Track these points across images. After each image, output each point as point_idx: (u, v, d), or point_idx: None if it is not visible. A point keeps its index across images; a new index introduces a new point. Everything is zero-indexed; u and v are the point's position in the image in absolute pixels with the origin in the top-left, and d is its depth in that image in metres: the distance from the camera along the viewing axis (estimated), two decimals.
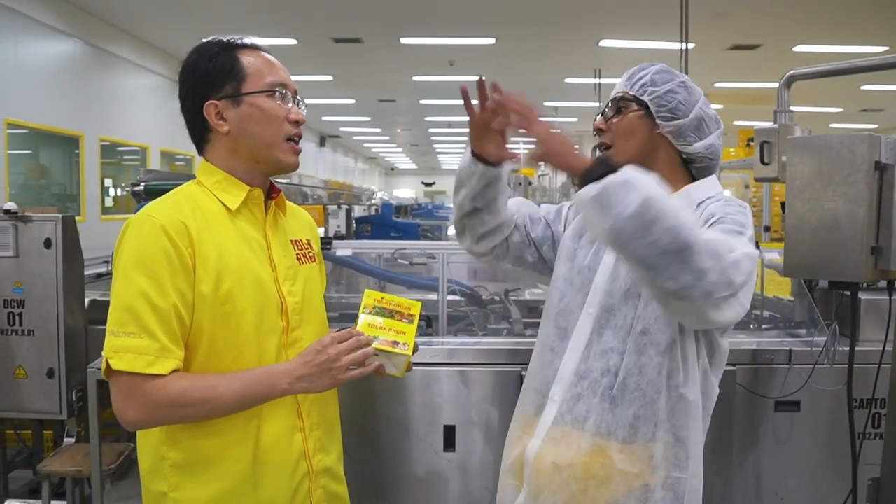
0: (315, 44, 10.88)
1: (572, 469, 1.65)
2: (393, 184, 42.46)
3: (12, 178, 8.20)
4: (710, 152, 1.73)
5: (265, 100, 1.59)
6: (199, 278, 1.51)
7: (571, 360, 1.71)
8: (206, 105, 1.59)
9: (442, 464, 2.73)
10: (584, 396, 1.67)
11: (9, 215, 3.26)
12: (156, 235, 1.49)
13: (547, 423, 1.71)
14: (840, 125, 18.97)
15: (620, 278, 1.68)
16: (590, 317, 1.71)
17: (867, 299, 2.98)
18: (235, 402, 1.50)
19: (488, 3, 8.80)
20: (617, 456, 1.62)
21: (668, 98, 1.69)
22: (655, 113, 1.69)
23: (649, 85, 1.70)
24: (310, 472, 1.65)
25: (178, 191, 1.63)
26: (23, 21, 8.04)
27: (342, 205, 8.22)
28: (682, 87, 1.71)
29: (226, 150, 1.62)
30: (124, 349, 1.45)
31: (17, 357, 3.33)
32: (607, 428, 1.63)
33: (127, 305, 1.46)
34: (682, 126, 1.69)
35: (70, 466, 3.17)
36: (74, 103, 9.16)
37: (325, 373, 1.50)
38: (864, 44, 9.73)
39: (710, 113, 1.74)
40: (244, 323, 1.55)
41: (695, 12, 7.25)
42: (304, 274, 1.70)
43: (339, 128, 22.60)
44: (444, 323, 3.11)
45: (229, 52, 1.61)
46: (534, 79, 13.44)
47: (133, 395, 1.46)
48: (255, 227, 1.64)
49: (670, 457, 1.62)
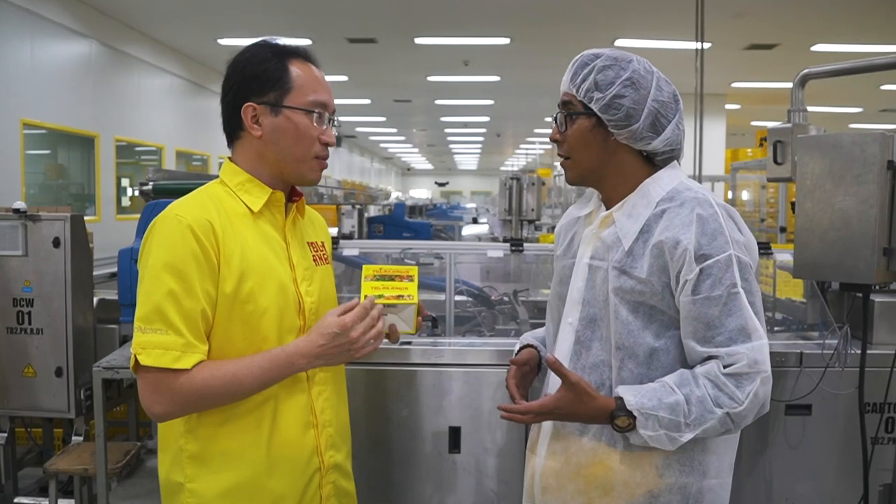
0: (330, 44, 10.89)
1: (575, 482, 1.65)
2: (409, 184, 42.52)
3: (31, 178, 8.26)
4: (669, 145, 1.65)
5: (302, 117, 1.63)
6: (223, 277, 1.56)
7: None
8: (245, 106, 1.62)
9: (447, 465, 2.71)
10: None
11: (18, 214, 3.27)
12: (183, 235, 1.53)
13: (546, 440, 1.71)
14: (860, 125, 18.78)
15: (597, 286, 1.65)
16: (570, 327, 1.69)
17: (881, 301, 2.93)
18: (256, 386, 1.56)
19: (503, 2, 8.78)
20: (617, 466, 1.60)
21: (616, 104, 1.59)
22: (606, 122, 1.61)
23: (594, 90, 1.60)
24: (321, 468, 1.71)
25: (202, 190, 1.67)
26: (39, 22, 8.09)
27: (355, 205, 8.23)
28: (628, 85, 1.60)
29: (254, 153, 1.66)
30: (151, 345, 1.50)
31: (27, 356, 3.35)
32: (606, 440, 1.62)
33: (156, 304, 1.50)
34: (635, 130, 1.61)
35: (77, 465, 3.18)
36: (90, 104, 9.22)
37: (344, 353, 1.58)
38: (882, 42, 9.60)
39: (666, 97, 1.63)
40: (264, 322, 1.59)
41: (711, 12, 7.16)
42: (319, 275, 1.74)
43: (354, 128, 22.64)
44: (451, 323, 3.08)
45: (282, 59, 1.64)
46: (548, 79, 13.30)
47: (160, 389, 1.51)
48: (276, 228, 1.68)
49: (673, 462, 1.60)
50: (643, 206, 1.62)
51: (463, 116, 19.48)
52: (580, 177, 1.70)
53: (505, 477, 2.70)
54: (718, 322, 1.51)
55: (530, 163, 28.98)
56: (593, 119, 1.62)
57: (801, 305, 3.37)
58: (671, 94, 1.65)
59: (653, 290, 1.57)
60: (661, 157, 1.67)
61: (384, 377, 2.72)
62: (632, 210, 1.63)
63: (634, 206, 1.63)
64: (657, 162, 1.68)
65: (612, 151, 1.64)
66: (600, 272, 1.64)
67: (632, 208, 1.63)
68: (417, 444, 2.73)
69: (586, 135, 1.64)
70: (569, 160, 1.69)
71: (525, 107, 17.28)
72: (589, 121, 1.63)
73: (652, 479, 1.59)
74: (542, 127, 21.06)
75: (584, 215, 1.78)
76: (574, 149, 1.66)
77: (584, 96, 1.61)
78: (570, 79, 1.65)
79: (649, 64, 1.65)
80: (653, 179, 1.65)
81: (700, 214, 1.55)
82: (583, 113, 1.63)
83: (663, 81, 1.65)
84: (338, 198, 8.11)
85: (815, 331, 3.12)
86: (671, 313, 1.59)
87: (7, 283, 3.32)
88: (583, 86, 1.62)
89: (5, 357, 3.35)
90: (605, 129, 1.62)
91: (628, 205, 1.64)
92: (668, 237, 1.55)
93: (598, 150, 1.64)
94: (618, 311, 1.59)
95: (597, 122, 1.62)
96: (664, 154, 1.66)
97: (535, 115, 18.99)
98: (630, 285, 1.59)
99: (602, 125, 1.62)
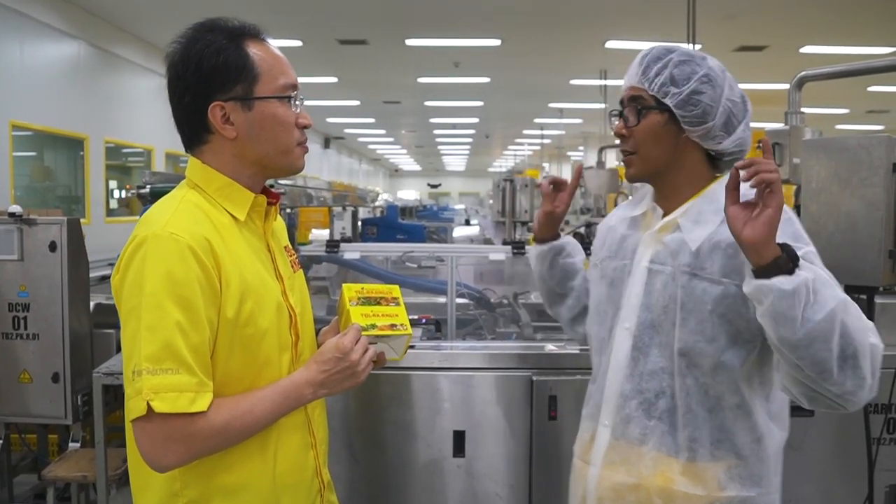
0: (320, 45, 10.86)
1: (635, 493, 1.59)
2: (397, 185, 42.48)
3: (17, 181, 8.18)
4: (739, 146, 1.60)
5: (277, 105, 1.47)
6: (225, 301, 1.40)
7: (616, 381, 1.64)
8: (212, 107, 1.44)
9: (451, 469, 2.70)
10: (634, 418, 1.61)
11: (13, 218, 3.23)
12: (183, 257, 1.35)
13: (602, 448, 1.65)
14: (846, 126, 18.89)
15: (656, 291, 1.60)
16: (627, 332, 1.64)
17: (883, 303, 2.94)
18: (269, 421, 1.44)
19: (494, 4, 8.77)
20: (678, 478, 1.56)
21: (693, 101, 1.55)
22: (681, 118, 1.56)
23: (669, 85, 1.56)
24: (321, 489, 1.61)
25: (180, 199, 1.47)
26: (27, 23, 8.03)
27: (347, 207, 8.18)
28: (705, 82, 1.56)
29: (229, 155, 1.48)
30: (165, 388, 1.30)
31: (22, 361, 3.30)
32: (667, 450, 1.57)
33: (165, 341, 1.32)
34: (710, 128, 1.56)
35: (75, 472, 3.14)
36: (79, 105, 9.15)
37: (347, 378, 1.47)
38: (871, 44, 9.68)
39: (737, 98, 1.60)
40: (265, 344, 1.46)
41: (701, 13, 7.22)
42: (298, 282, 1.63)
43: (343, 129, 22.59)
44: (452, 326, 3.07)
45: (237, 44, 1.46)
46: (539, 80, 13.41)
47: (174, 436, 1.33)
48: (259, 236, 1.54)
49: (735, 476, 1.55)
50: (712, 212, 1.56)
51: (452, 118, 19.47)
52: (645, 173, 1.65)
53: (510, 481, 2.69)
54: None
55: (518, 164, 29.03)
56: (666, 114, 1.58)
57: None
58: (741, 94, 1.62)
59: (725, 293, 1.51)
60: (727, 157, 1.62)
61: (386, 381, 2.71)
62: (698, 216, 1.58)
63: (702, 213, 1.58)
64: (721, 164, 1.64)
65: (682, 149, 1.60)
66: (661, 276, 1.59)
67: (698, 214, 1.58)
68: (421, 449, 2.72)
69: (658, 130, 1.59)
70: (634, 156, 1.63)
71: (514, 108, 17.30)
72: (661, 116, 1.58)
73: (714, 492, 1.54)
74: (530, 128, 21.09)
75: (639, 216, 1.73)
76: (643, 144, 1.61)
77: (659, 91, 1.57)
78: (640, 72, 1.60)
79: (721, 64, 1.61)
80: (720, 184, 1.56)
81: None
82: (655, 108, 1.58)
83: (734, 81, 1.61)
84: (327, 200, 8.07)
85: None
86: (742, 323, 1.51)
87: (2, 287, 3.28)
88: (657, 80, 1.57)
89: (0, 363, 3.31)
90: (677, 125, 1.58)
91: (693, 210, 1.59)
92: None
93: (668, 146, 1.60)
94: (685, 318, 1.54)
95: (669, 117, 1.58)
96: (731, 155, 1.61)
97: (524, 117, 19.02)
98: (702, 288, 1.53)
99: (674, 122, 1.58)
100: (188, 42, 1.47)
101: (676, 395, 1.56)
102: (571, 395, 2.65)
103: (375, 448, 2.71)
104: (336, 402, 2.69)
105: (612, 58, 11.05)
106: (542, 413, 2.65)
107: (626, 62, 1.68)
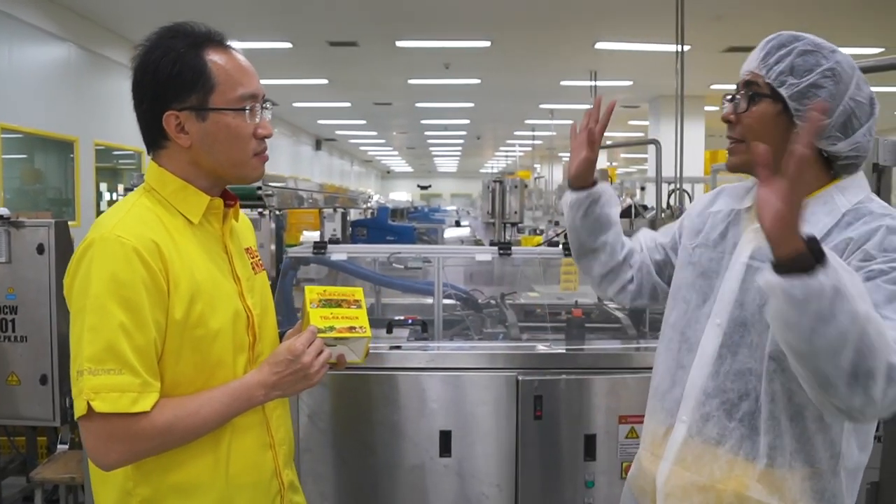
0: (310, 47, 10.87)
1: (705, 494, 1.54)
2: (389, 187, 42.48)
3: (8, 183, 8.17)
4: (856, 151, 1.50)
5: (233, 117, 1.46)
6: (173, 303, 1.40)
7: (699, 377, 1.58)
8: (167, 116, 1.44)
9: (438, 469, 2.71)
10: (714, 417, 1.55)
11: (1, 221, 3.24)
12: (129, 260, 1.36)
13: (676, 444, 1.60)
14: None
15: (753, 289, 1.51)
16: (718, 328, 1.57)
17: None
18: (217, 423, 1.45)
19: (483, 5, 8.79)
20: (752, 484, 1.50)
21: (810, 94, 1.46)
22: (794, 111, 1.47)
23: (788, 74, 1.47)
24: (281, 490, 1.61)
25: (134, 203, 1.48)
26: (17, 26, 8.01)
27: (338, 208, 8.18)
28: (829, 76, 1.46)
29: (184, 162, 1.49)
30: (106, 388, 1.32)
31: (10, 363, 3.32)
32: (744, 454, 1.52)
33: (107, 341, 1.33)
34: (825, 127, 1.46)
35: (63, 473, 3.15)
36: (69, 108, 9.14)
37: (300, 381, 1.48)
38: (859, 45, 9.74)
39: (863, 99, 1.49)
40: (217, 345, 1.46)
41: (690, 14, 7.24)
42: (259, 284, 1.63)
43: (334, 131, 22.59)
44: (439, 327, 3.09)
45: (197, 52, 1.45)
46: (529, 81, 13.44)
47: (116, 436, 1.35)
48: (215, 238, 1.55)
49: (807, 489, 1.48)
50: (825, 213, 1.49)
51: (443, 119, 19.50)
52: (749, 164, 1.55)
53: (496, 480, 2.70)
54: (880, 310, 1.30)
55: (510, 165, 29.07)
56: (780, 105, 1.49)
57: None
58: (869, 96, 1.51)
59: None
60: (842, 161, 1.52)
61: (374, 382, 2.72)
62: (810, 217, 1.43)
63: (814, 214, 1.47)
64: (835, 166, 1.53)
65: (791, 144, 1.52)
66: (759, 274, 1.46)
67: (811, 215, 1.43)
68: (407, 449, 2.73)
69: (768, 121, 1.50)
70: (740, 144, 1.55)
71: (505, 109, 17.33)
72: (774, 106, 1.50)
73: (786, 503, 1.49)
74: (521, 129, 21.12)
75: (744, 209, 1.63)
76: (750, 132, 1.53)
77: (776, 79, 1.49)
78: (761, 58, 1.52)
79: (852, 60, 1.51)
80: (838, 188, 1.51)
81: (890, 226, 1.42)
82: (769, 96, 1.50)
83: (863, 81, 1.50)
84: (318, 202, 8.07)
85: None
86: None
87: None
88: (776, 67, 1.49)
89: None
90: (790, 118, 1.49)
91: (807, 211, 1.45)
92: (848, 238, 1.44)
93: (778, 139, 1.47)
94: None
95: (783, 109, 1.49)
96: (847, 160, 1.52)
97: (515, 118, 19.05)
98: None
99: (787, 114, 1.49)
100: (149, 48, 1.48)
101: (761, 399, 1.50)
102: (557, 394, 2.68)
103: (362, 448, 2.72)
104: (323, 403, 2.71)
105: (602, 59, 11.08)
106: (528, 413, 2.67)
107: (615, 63, 1.69)
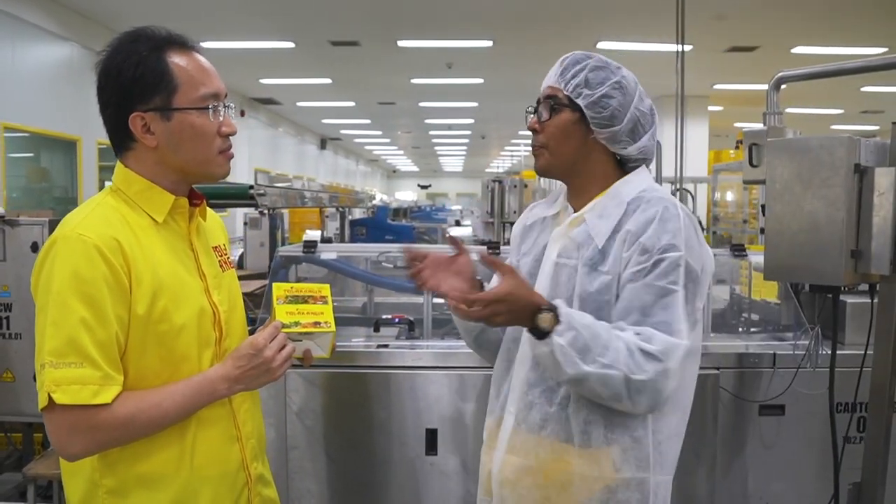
0: (313, 47, 10.88)
1: (533, 477, 1.66)
2: (395, 186, 42.48)
3: (14, 182, 8.21)
4: (642, 153, 1.73)
5: (197, 116, 1.51)
6: (135, 299, 1.44)
7: (521, 370, 1.72)
8: (132, 117, 1.50)
9: (424, 467, 2.72)
10: (536, 404, 1.67)
11: None
12: (90, 257, 1.41)
13: (506, 434, 1.72)
14: (841, 126, 18.91)
15: (562, 284, 1.68)
16: None
17: (854, 303, 2.97)
18: (180, 415, 1.49)
19: (485, 5, 8.80)
20: (575, 461, 1.63)
21: (602, 104, 1.66)
22: (590, 119, 1.67)
23: (583, 86, 1.67)
24: (248, 482, 1.63)
25: (97, 202, 1.55)
26: (20, 26, 8.05)
27: (338, 208, 8.21)
28: (617, 88, 1.68)
29: (151, 162, 1.54)
30: (67, 381, 1.37)
31: (5, 360, 3.34)
32: (565, 434, 1.64)
33: (68, 336, 1.38)
34: (616, 132, 1.68)
35: (56, 469, 3.13)
36: (72, 107, 9.16)
37: (262, 374, 1.52)
38: (862, 45, 9.71)
39: (646, 109, 1.72)
40: (181, 340, 1.50)
41: (692, 14, 7.21)
42: (227, 281, 1.67)
43: (339, 130, 22.59)
44: (428, 326, 3.10)
45: (158, 55, 1.50)
46: (531, 81, 13.32)
47: (78, 428, 1.39)
48: (181, 237, 1.59)
49: (630, 458, 1.62)
50: (614, 206, 1.67)
51: (447, 119, 19.49)
52: (552, 167, 1.75)
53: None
54: (650, 311, 1.55)
55: (515, 165, 29.02)
56: (577, 114, 1.68)
57: (775, 307, 3.41)
58: (650, 107, 1.73)
59: (610, 284, 1.61)
60: (632, 163, 1.74)
61: (362, 380, 2.74)
62: (603, 211, 1.68)
63: (605, 207, 1.68)
64: (627, 168, 1.74)
65: (589, 149, 1.70)
66: (566, 270, 1.68)
67: (603, 209, 1.68)
68: (395, 447, 2.75)
69: (568, 127, 1.69)
70: (544, 149, 1.74)
71: (509, 109, 17.19)
72: (573, 115, 1.69)
73: (608, 474, 1.61)
74: (526, 129, 21.06)
75: (552, 216, 1.82)
76: (552, 138, 1.72)
77: (573, 91, 1.68)
78: (559, 73, 1.71)
79: (634, 76, 1.73)
80: (623, 182, 1.71)
81: (663, 214, 1.61)
82: (567, 106, 1.69)
83: (644, 95, 1.73)
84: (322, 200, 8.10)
85: (789, 332, 3.16)
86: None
87: None
88: (573, 81, 1.68)
89: None
90: (587, 126, 1.68)
91: (599, 206, 1.69)
92: (632, 230, 1.61)
93: (576, 144, 1.70)
94: (582, 309, 1.61)
95: (580, 117, 1.68)
96: (636, 161, 1.74)
97: (519, 118, 18.51)
98: (599, 280, 1.62)
99: (584, 122, 1.68)
100: (111, 53, 1.53)
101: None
102: None
103: (349, 446, 2.74)
104: (310, 401, 2.73)
105: None
106: None
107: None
